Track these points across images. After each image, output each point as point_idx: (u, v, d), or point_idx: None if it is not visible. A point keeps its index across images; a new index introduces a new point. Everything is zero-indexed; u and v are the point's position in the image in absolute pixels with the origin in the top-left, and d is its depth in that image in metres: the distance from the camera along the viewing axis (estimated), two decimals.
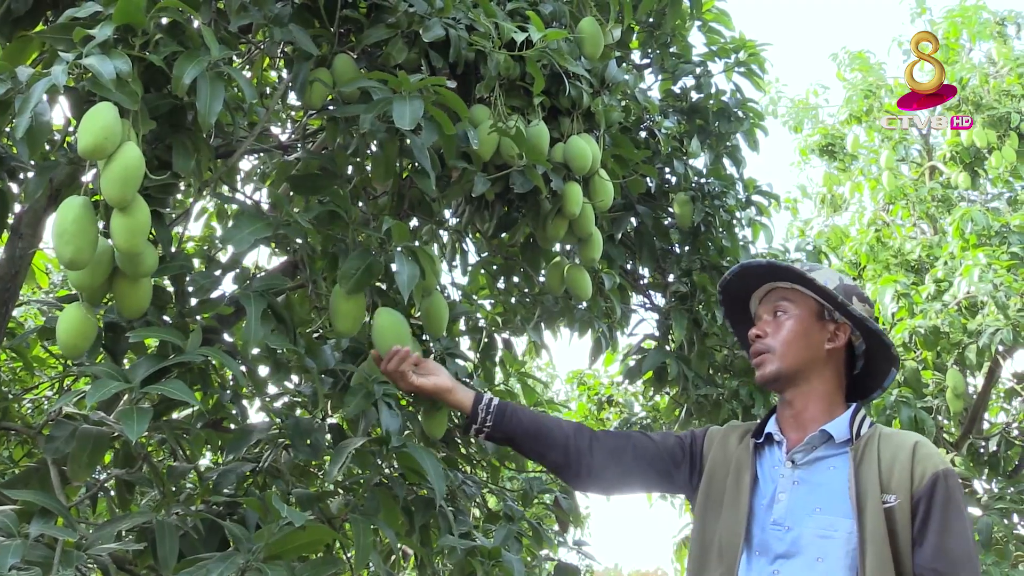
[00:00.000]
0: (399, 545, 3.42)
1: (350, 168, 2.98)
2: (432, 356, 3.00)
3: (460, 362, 3.08)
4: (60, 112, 2.51)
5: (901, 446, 2.08)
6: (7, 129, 2.82)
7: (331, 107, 2.79)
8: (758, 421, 2.33)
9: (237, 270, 2.54)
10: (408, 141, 2.51)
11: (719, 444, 2.33)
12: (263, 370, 2.78)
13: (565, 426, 2.44)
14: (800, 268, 2.26)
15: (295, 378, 3.10)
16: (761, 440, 2.26)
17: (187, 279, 2.38)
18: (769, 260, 2.34)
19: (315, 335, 3.38)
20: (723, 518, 2.19)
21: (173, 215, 2.69)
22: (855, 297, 2.23)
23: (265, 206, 3.11)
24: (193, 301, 2.43)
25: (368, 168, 2.91)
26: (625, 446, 2.40)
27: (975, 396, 8.65)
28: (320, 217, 2.51)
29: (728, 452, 2.30)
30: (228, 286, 2.53)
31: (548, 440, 2.40)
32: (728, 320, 2.48)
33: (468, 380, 3.11)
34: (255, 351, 2.50)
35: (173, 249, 2.46)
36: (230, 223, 2.52)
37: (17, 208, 3.14)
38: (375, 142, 2.68)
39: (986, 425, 9.22)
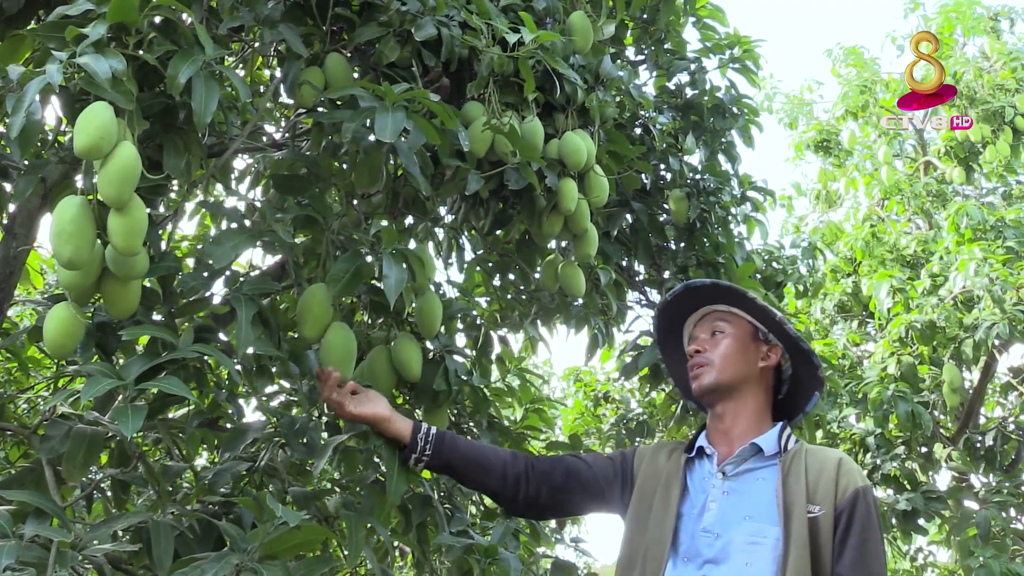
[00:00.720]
0: (396, 543, 3.43)
1: (334, 172, 2.97)
2: (431, 355, 3.00)
3: (458, 359, 3.07)
4: (51, 111, 2.51)
5: (827, 460, 2.21)
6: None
7: (320, 108, 2.79)
8: (685, 439, 2.47)
9: (227, 273, 2.53)
10: (395, 145, 2.51)
11: (649, 460, 2.45)
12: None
13: (502, 453, 2.53)
14: (740, 288, 2.42)
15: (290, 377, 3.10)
16: (692, 454, 2.38)
17: (176, 280, 2.37)
18: (713, 280, 2.52)
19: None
20: (650, 528, 2.29)
21: (163, 215, 2.69)
22: (785, 325, 2.39)
23: (259, 205, 3.10)
24: (183, 301, 2.42)
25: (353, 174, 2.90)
26: (558, 470, 2.49)
27: (971, 391, 8.67)
28: (298, 220, 2.51)
29: (658, 467, 2.41)
30: (219, 285, 2.52)
31: (486, 467, 2.48)
32: (659, 346, 2.63)
33: (466, 378, 3.11)
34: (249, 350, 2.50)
35: (163, 249, 2.45)
36: (212, 232, 2.52)
37: (11, 208, 3.13)
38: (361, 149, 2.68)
39: (983, 420, 9.24)
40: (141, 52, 2.06)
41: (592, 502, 2.51)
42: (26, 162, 2.51)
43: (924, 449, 8.54)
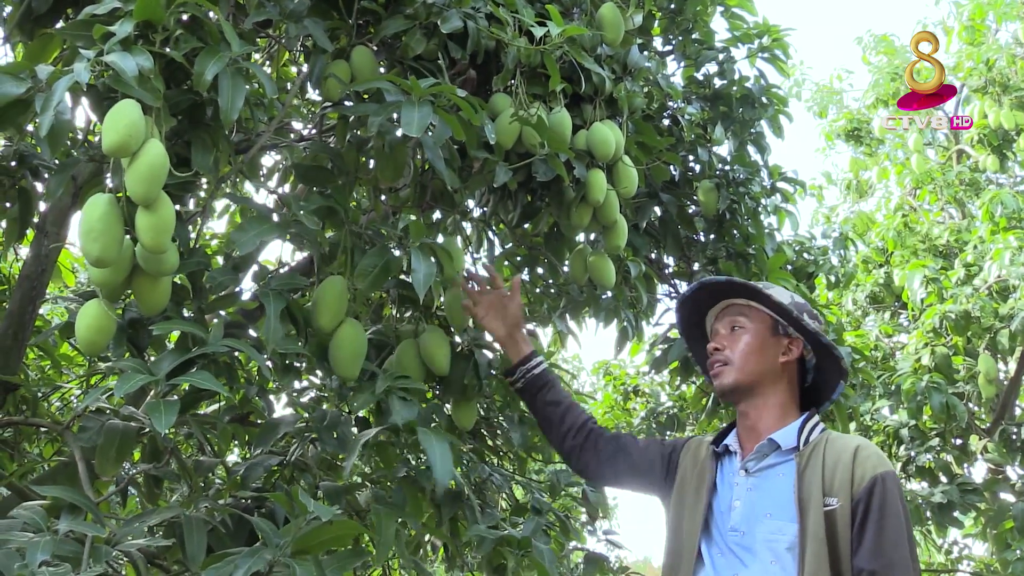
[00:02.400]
0: (427, 537, 3.43)
1: (360, 166, 2.97)
2: (459, 349, 3.00)
3: (487, 353, 3.07)
4: (80, 110, 2.52)
5: (844, 450, 2.17)
6: (30, 128, 2.85)
7: (347, 101, 2.79)
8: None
9: (255, 267, 2.53)
10: (421, 139, 2.51)
11: (692, 454, 2.47)
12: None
13: (573, 418, 2.69)
14: (756, 285, 2.39)
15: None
16: (720, 449, 2.38)
17: (205, 276, 2.37)
18: (728, 277, 2.46)
19: None
20: (685, 523, 2.33)
21: (192, 211, 2.69)
22: (806, 314, 2.36)
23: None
24: (212, 297, 2.43)
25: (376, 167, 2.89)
26: (611, 446, 2.62)
27: (1007, 382, 8.56)
28: (320, 211, 2.51)
29: (698, 461, 2.43)
30: (249, 281, 2.53)
31: (552, 424, 2.71)
32: (684, 338, 2.63)
33: (495, 372, 3.10)
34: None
35: (193, 246, 2.46)
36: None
37: (42, 206, 3.16)
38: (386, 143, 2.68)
39: (1019, 411, 9.12)
40: (168, 49, 2.06)
41: (636, 481, 2.61)
42: (56, 161, 2.52)
43: (959, 441, 8.45)
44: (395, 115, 2.42)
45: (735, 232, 4.38)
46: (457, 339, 3.02)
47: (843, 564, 2.05)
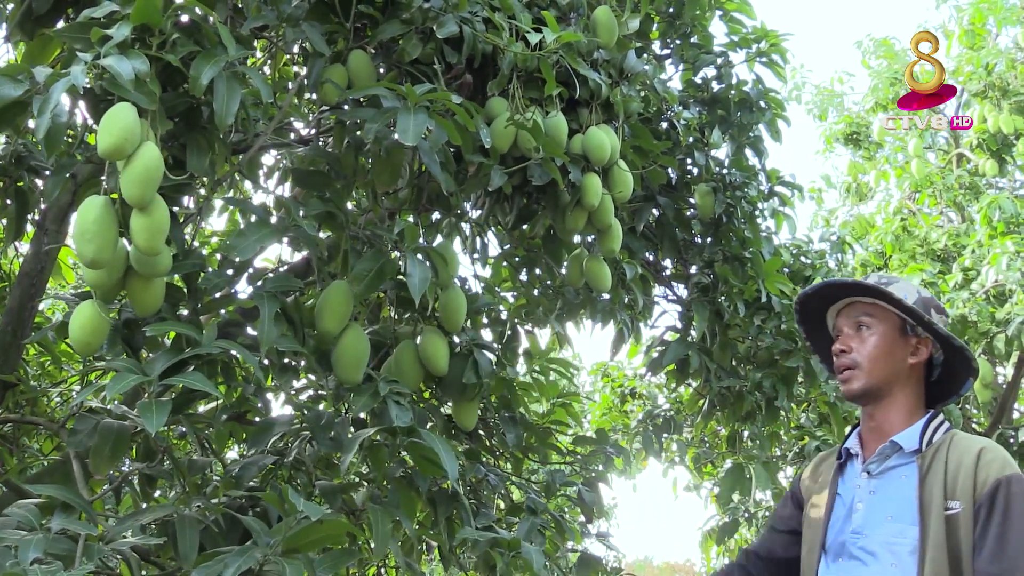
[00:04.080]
0: (422, 537, 3.44)
1: (357, 169, 2.99)
2: (456, 349, 3.01)
3: (487, 353, 3.08)
4: (78, 110, 2.54)
5: (967, 452, 2.10)
6: (31, 123, 2.87)
7: (344, 105, 2.81)
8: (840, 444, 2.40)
9: (251, 269, 2.55)
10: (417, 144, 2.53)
11: (810, 478, 2.43)
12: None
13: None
14: (880, 283, 2.28)
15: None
16: (843, 459, 2.33)
17: (200, 278, 2.39)
18: (856, 280, 2.35)
19: None
20: (807, 535, 2.31)
21: (189, 212, 2.71)
22: (934, 310, 2.27)
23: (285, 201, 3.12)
24: (207, 298, 2.45)
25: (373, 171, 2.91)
26: (776, 551, 2.46)
27: (1004, 386, 8.57)
28: (319, 215, 2.53)
29: (819, 481, 2.38)
30: (244, 283, 2.55)
31: None
32: (803, 330, 2.51)
33: (496, 369, 3.12)
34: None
35: (190, 247, 2.48)
36: (241, 227, 2.55)
37: (42, 205, 3.18)
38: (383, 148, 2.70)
39: (1016, 415, 9.13)
40: (164, 53, 2.07)
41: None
42: (53, 161, 2.54)
43: None
44: (391, 121, 2.43)
45: (732, 235, 4.40)
46: (456, 339, 3.04)
47: (964, 568, 2.00)
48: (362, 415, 2.98)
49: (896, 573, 2.07)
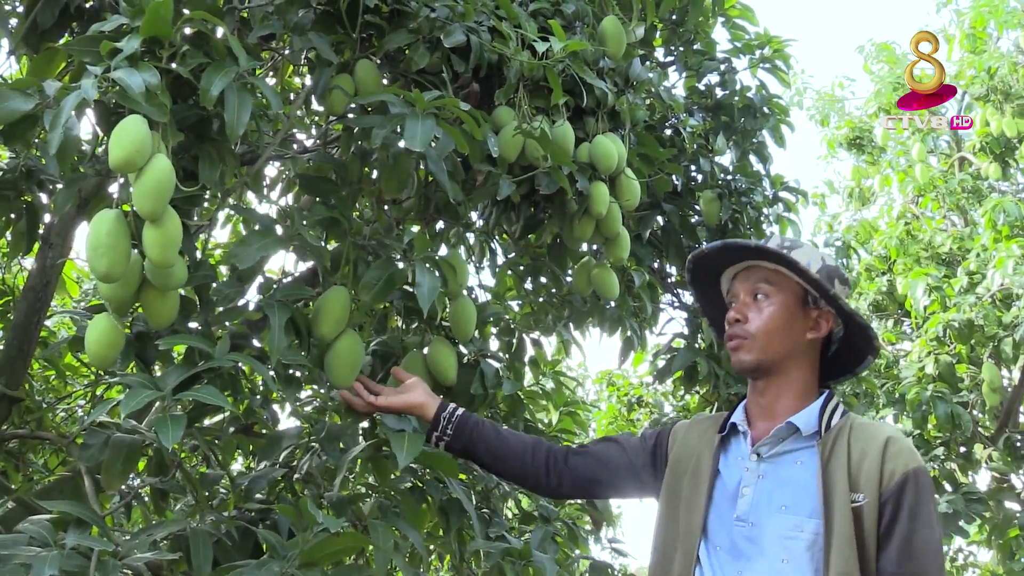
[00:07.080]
0: (432, 547, 3.43)
1: (363, 177, 2.99)
2: (465, 359, 3.00)
3: (493, 363, 3.07)
4: (87, 123, 2.54)
5: (871, 441, 1.97)
6: (36, 142, 2.87)
7: (351, 114, 2.80)
8: (724, 413, 2.23)
9: (260, 279, 2.54)
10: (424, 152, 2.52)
11: (682, 439, 2.24)
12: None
13: (523, 444, 2.39)
14: (782, 248, 2.12)
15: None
16: (726, 432, 2.15)
17: (211, 289, 2.38)
18: (757, 243, 2.16)
19: None
20: (681, 515, 2.11)
21: (198, 223, 2.71)
22: (837, 280, 2.11)
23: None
24: (218, 310, 2.44)
25: (379, 178, 2.91)
26: (583, 459, 2.35)
27: (1011, 390, 8.55)
28: (323, 222, 2.52)
29: (690, 445, 2.20)
30: (253, 291, 2.54)
31: (505, 457, 2.37)
32: (695, 292, 2.34)
33: (502, 378, 3.10)
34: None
35: (199, 258, 2.47)
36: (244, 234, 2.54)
37: (47, 219, 3.18)
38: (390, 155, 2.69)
39: (1023, 419, 9.11)
40: (174, 65, 2.07)
41: (624, 487, 2.36)
42: (62, 175, 2.54)
43: (963, 449, 8.44)
44: (399, 127, 2.42)
45: None
46: (463, 349, 3.03)
47: (869, 566, 1.88)
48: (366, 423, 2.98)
49: (787, 570, 1.92)
